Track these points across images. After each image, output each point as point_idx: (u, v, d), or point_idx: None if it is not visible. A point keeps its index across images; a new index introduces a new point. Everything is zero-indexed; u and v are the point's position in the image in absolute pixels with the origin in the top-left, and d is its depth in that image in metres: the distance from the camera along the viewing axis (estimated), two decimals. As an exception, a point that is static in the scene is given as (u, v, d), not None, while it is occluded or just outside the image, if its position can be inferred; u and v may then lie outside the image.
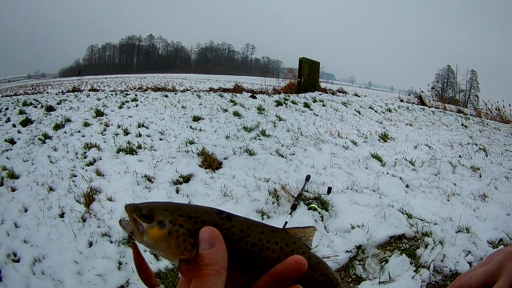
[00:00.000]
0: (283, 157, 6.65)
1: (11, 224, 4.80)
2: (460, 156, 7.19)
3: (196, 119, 9.59)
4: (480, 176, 6.12)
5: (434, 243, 4.05)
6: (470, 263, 3.86)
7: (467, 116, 14.95)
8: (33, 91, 25.09)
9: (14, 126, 10.08)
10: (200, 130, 8.50)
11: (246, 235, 0.64)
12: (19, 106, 13.09)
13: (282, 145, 7.27)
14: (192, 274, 0.57)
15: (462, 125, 11.56)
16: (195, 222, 0.62)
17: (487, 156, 7.45)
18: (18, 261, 4.06)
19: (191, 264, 0.58)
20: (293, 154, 6.84)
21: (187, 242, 0.60)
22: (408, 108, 14.16)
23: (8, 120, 10.84)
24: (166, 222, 0.61)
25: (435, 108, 16.30)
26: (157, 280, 0.66)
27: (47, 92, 20.47)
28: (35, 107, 12.87)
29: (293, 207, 4.60)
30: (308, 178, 5.43)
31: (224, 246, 0.59)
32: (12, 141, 8.55)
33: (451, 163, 6.57)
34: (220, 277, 0.57)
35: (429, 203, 5.04)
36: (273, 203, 4.93)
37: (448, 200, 5.15)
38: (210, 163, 6.23)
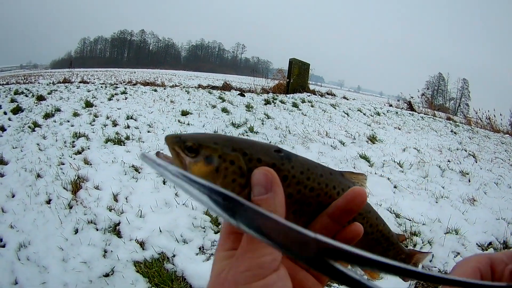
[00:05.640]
0: (271, 154, 6.54)
1: (-2, 209, 4.79)
2: (449, 161, 7.17)
3: (184, 113, 9.60)
4: (469, 181, 6.09)
5: (422, 243, 4.01)
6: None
7: (457, 123, 15.05)
8: (24, 81, 25.08)
9: (5, 113, 10.09)
10: (188, 124, 8.51)
11: (306, 178, 0.57)
12: (10, 95, 13.15)
13: (270, 142, 7.15)
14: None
15: (451, 131, 11.61)
16: (249, 159, 0.54)
17: (476, 162, 7.43)
18: (3, 246, 4.00)
19: None
20: (281, 151, 6.72)
21: (237, 183, 0.53)
22: (397, 112, 14.24)
23: (-1, 107, 10.77)
24: (214, 157, 0.54)
25: (424, 114, 16.40)
26: None
27: (39, 83, 20.48)
28: (26, 96, 12.96)
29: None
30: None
31: (282, 191, 0.52)
32: (2, 128, 8.58)
33: (439, 166, 6.54)
34: None
35: (417, 204, 4.99)
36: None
37: (436, 202, 5.10)
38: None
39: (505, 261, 0.61)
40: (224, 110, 10.23)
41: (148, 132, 7.75)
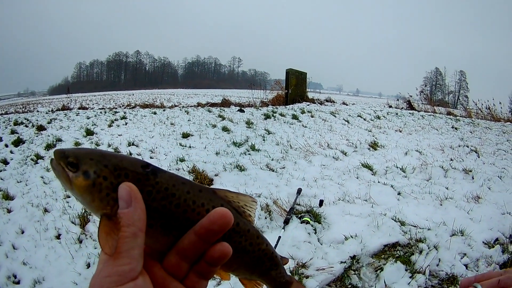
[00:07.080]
0: (273, 171, 6.65)
1: (9, 246, 4.91)
2: (451, 159, 7.20)
3: (185, 135, 9.59)
4: (473, 178, 6.11)
5: (428, 248, 4.03)
6: (466, 265, 3.82)
7: (457, 117, 15.07)
8: (23, 109, 25.24)
9: (6, 146, 10.06)
10: (189, 147, 8.51)
11: (171, 194, 0.60)
12: (10, 126, 13.09)
13: (272, 159, 7.27)
14: (111, 236, 0.54)
15: (452, 127, 11.62)
16: (118, 175, 0.58)
17: (479, 157, 7.46)
18: (18, 282, 4.14)
19: (112, 221, 0.55)
20: (284, 167, 6.82)
21: (110, 196, 0.57)
22: (397, 114, 14.24)
23: (0, 139, 10.82)
24: (90, 172, 0.57)
25: (425, 112, 16.44)
26: None
27: (37, 111, 20.38)
28: (26, 126, 12.87)
29: (286, 222, 4.55)
30: (299, 191, 5.41)
31: (142, 206, 0.56)
32: (5, 162, 8.55)
33: (442, 167, 6.57)
34: (137, 240, 0.54)
35: (421, 209, 5.02)
36: (265, 218, 4.89)
37: (441, 205, 5.14)
38: (201, 180, 6.19)
39: None
40: (225, 128, 10.24)
41: (151, 158, 7.77)
